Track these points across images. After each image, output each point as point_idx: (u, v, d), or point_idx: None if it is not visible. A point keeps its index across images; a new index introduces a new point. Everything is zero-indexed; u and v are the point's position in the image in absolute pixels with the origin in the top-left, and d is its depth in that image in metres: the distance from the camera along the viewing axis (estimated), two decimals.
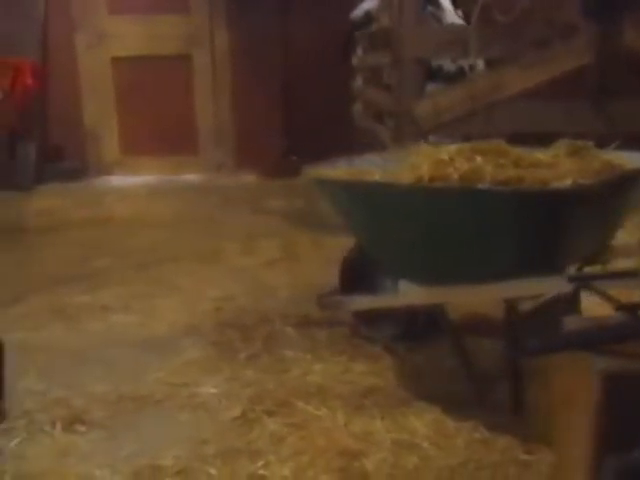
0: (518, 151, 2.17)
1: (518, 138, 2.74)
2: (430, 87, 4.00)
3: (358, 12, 4.09)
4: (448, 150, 2.20)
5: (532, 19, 3.57)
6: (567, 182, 1.88)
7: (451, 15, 4.09)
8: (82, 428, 2.25)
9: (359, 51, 5.59)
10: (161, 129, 6.26)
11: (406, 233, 2.28)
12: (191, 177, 6.32)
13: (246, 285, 3.50)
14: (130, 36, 6.16)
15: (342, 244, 4.18)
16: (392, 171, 2.49)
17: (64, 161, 6.27)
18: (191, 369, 2.61)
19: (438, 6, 4.10)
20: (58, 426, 2.24)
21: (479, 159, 2.10)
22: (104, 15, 6.17)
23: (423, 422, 2.18)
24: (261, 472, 1.97)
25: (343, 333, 2.86)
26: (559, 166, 2.04)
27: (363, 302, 2.74)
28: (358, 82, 5.73)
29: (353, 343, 2.78)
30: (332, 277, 3.52)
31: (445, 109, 3.69)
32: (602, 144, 2.36)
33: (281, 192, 5.58)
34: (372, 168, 2.69)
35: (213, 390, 2.44)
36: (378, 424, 2.18)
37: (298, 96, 6.24)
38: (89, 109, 6.29)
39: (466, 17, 4.20)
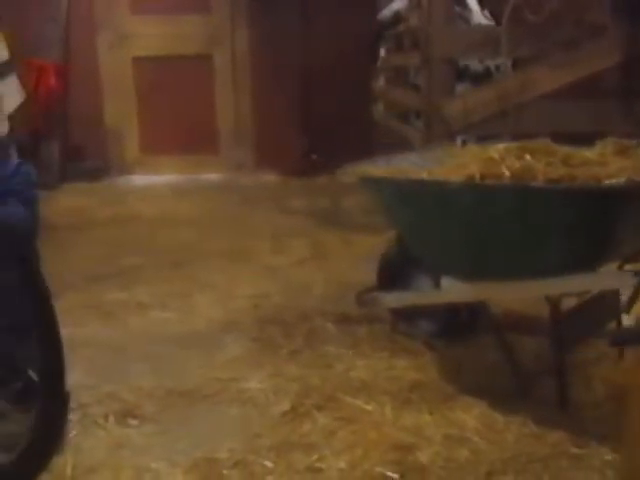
0: (566, 150, 2.21)
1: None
2: (457, 87, 4.04)
3: (387, 12, 4.13)
4: (496, 149, 2.23)
5: (561, 19, 3.61)
6: (621, 179, 1.92)
7: (478, 15, 4.13)
8: (134, 422, 2.29)
9: (382, 51, 5.64)
10: (181, 128, 6.30)
11: (453, 230, 2.31)
12: (211, 176, 6.35)
13: (280, 283, 3.53)
14: (151, 36, 6.19)
15: (370, 243, 4.26)
16: (434, 170, 2.54)
17: (85, 161, 6.31)
18: (236, 365, 2.65)
19: (465, 7, 4.13)
20: (111, 419, 2.28)
21: (529, 158, 2.13)
22: (126, 15, 6.21)
23: (471, 416, 2.22)
24: (317, 465, 2.01)
25: (382, 330, 2.89)
26: (609, 164, 2.08)
27: (404, 299, 2.78)
28: (380, 82, 5.76)
29: (393, 339, 2.81)
30: (364, 275, 3.56)
31: (474, 109, 3.72)
32: None
33: (303, 191, 5.62)
34: (412, 167, 2.74)
35: (259, 385, 2.48)
36: (427, 418, 2.22)
37: (318, 95, 6.27)
38: (110, 109, 6.33)
39: (493, 17, 4.24)
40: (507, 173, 2.08)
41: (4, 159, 2.36)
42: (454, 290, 2.53)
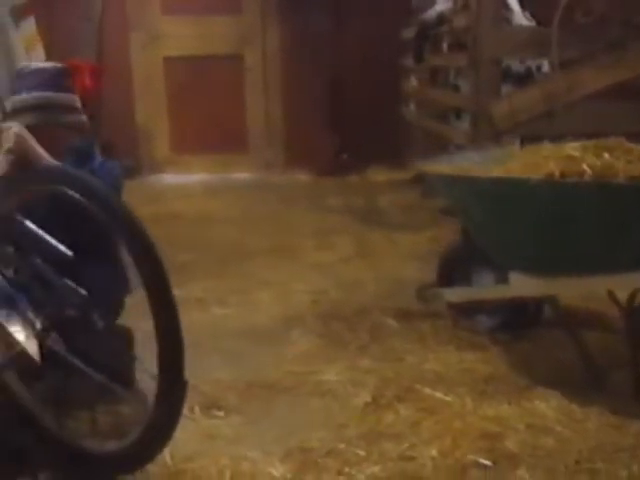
0: None
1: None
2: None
3: (431, 13, 4.20)
4: (574, 147, 2.29)
5: (608, 21, 3.66)
6: None
7: (519, 17, 4.18)
8: (220, 413, 2.36)
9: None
10: (212, 128, 6.37)
11: (529, 227, 2.38)
12: (241, 176, 6.42)
13: (332, 279, 3.60)
14: (182, 36, 6.26)
15: (412, 240, 4.34)
16: (494, 168, 2.60)
17: (116, 159, 6.36)
18: (308, 359, 2.72)
19: (507, 8, 4.19)
20: (197, 411, 2.34)
21: (607, 156, 2.20)
22: (158, 16, 6.28)
23: (549, 407, 2.28)
24: (408, 453, 2.07)
25: (444, 325, 2.96)
26: None
27: (469, 294, 2.85)
28: (412, 82, 5.82)
29: (456, 334, 2.87)
30: (414, 272, 3.66)
31: (521, 109, 3.78)
32: None
33: (336, 190, 5.70)
34: (472, 165, 2.80)
35: (336, 378, 2.54)
36: (507, 409, 2.28)
37: (347, 95, 6.34)
38: (141, 108, 6.40)
39: (534, 18, 4.30)
40: (589, 171, 2.15)
41: (89, 155, 2.43)
42: (524, 285, 2.59)
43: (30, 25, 5.50)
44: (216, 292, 3.46)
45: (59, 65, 2.46)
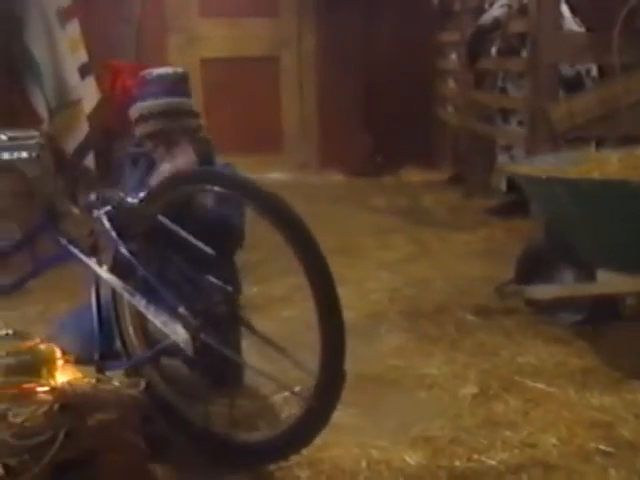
0: None
1: None
2: None
3: (487, 18, 4.31)
4: None
5: None
6: None
7: (570, 22, 4.31)
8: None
9: (453, 56, 5.81)
10: (247, 128, 6.45)
11: (625, 226, 2.50)
12: (275, 175, 6.50)
13: (402, 277, 3.70)
14: (220, 38, 6.34)
15: (464, 240, 4.45)
16: (578, 169, 2.73)
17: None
18: (403, 353, 2.82)
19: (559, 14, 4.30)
20: None
21: None
22: (195, 18, 6.35)
23: None
24: (529, 441, 2.18)
25: (526, 320, 3.07)
26: None
27: (556, 291, 2.97)
28: (450, 85, 5.93)
29: (539, 328, 2.99)
30: (477, 270, 3.78)
31: (579, 112, 3.90)
32: None
33: (375, 190, 5.80)
34: (551, 167, 2.93)
35: (438, 371, 2.65)
36: (610, 399, 2.40)
37: (381, 96, 6.45)
38: None
39: (583, 24, 4.41)
40: None
41: (211, 158, 2.53)
42: (612, 282, 2.72)
43: (74, 27, 5.58)
44: (293, 289, 3.54)
45: (179, 70, 2.55)
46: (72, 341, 2.25)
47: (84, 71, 5.69)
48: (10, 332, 2.83)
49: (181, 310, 1.97)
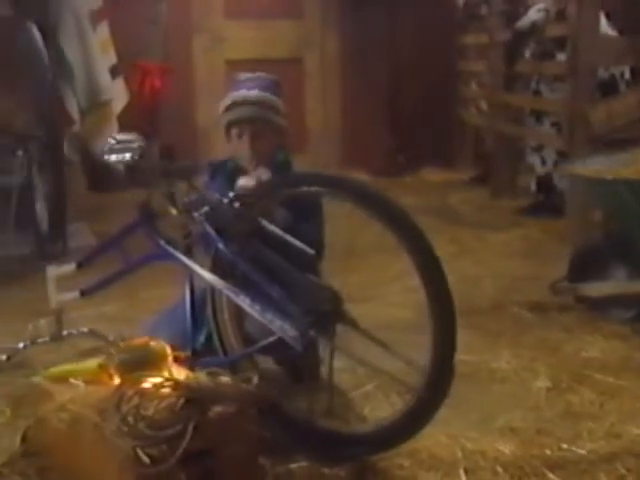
0: None
1: None
2: None
3: (525, 21, 4.42)
4: None
5: None
6: None
7: (605, 27, 4.41)
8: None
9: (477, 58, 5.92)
10: None
11: None
12: None
13: (450, 275, 3.78)
14: (244, 40, 6.41)
15: (500, 239, 4.55)
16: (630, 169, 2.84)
17: (176, 161, 6.49)
18: (469, 348, 2.88)
19: None
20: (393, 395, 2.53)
21: None
22: (220, 19, 6.42)
23: None
24: (614, 431, 2.27)
25: (581, 316, 3.18)
26: None
27: (610, 288, 3.07)
28: (472, 87, 6.04)
29: (597, 324, 3.09)
30: (521, 268, 3.89)
31: (618, 114, 4.02)
32: None
33: (402, 189, 5.87)
34: (604, 168, 3.04)
35: (507, 366, 2.74)
36: None
37: (404, 98, 6.55)
38: (202, 111, 6.53)
39: (616, 29, 4.52)
40: None
41: (290, 165, 2.60)
42: None
43: (104, 29, 5.64)
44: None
45: (272, 76, 2.63)
46: (165, 339, 2.31)
47: (114, 72, 5.75)
48: (85, 330, 2.94)
49: (290, 308, 2.05)
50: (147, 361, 2.03)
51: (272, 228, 2.15)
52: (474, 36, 5.93)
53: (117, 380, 2.01)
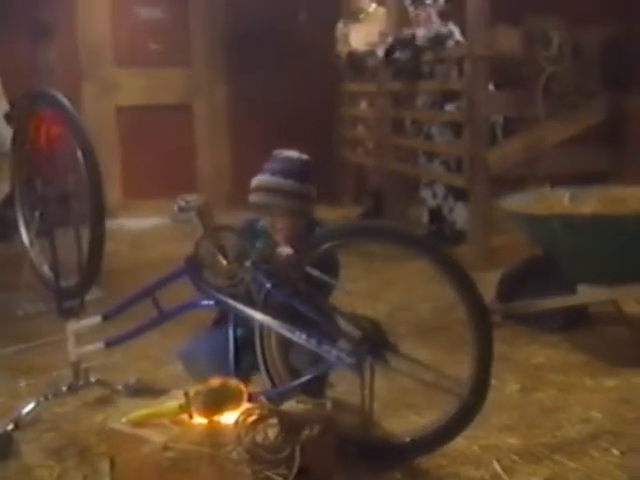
0: None
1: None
2: None
3: (428, 34, 5.15)
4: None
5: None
6: None
7: None
8: None
9: (363, 104, 6.52)
10: (163, 173, 6.71)
11: (612, 250, 3.26)
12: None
13: (383, 305, 4.26)
14: (134, 86, 6.56)
15: (417, 267, 5.08)
16: (542, 205, 3.53)
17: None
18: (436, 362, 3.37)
19: None
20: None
21: None
22: (110, 67, 6.52)
23: None
24: (584, 416, 2.81)
25: (514, 330, 3.75)
26: None
27: (540, 304, 3.68)
28: (359, 129, 6.63)
29: (531, 336, 3.66)
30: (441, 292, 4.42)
31: (509, 156, 4.75)
32: None
33: None
34: (522, 205, 3.68)
35: None
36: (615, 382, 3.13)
37: (288, 140, 6.95)
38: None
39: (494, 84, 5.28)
40: None
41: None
42: (591, 293, 3.49)
43: None
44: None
45: (303, 157, 2.85)
46: (204, 370, 2.53)
47: (9, 120, 5.69)
48: (93, 381, 3.07)
49: (343, 340, 2.39)
50: (227, 399, 2.28)
51: (316, 273, 2.48)
52: (359, 84, 6.53)
53: (199, 419, 2.24)
